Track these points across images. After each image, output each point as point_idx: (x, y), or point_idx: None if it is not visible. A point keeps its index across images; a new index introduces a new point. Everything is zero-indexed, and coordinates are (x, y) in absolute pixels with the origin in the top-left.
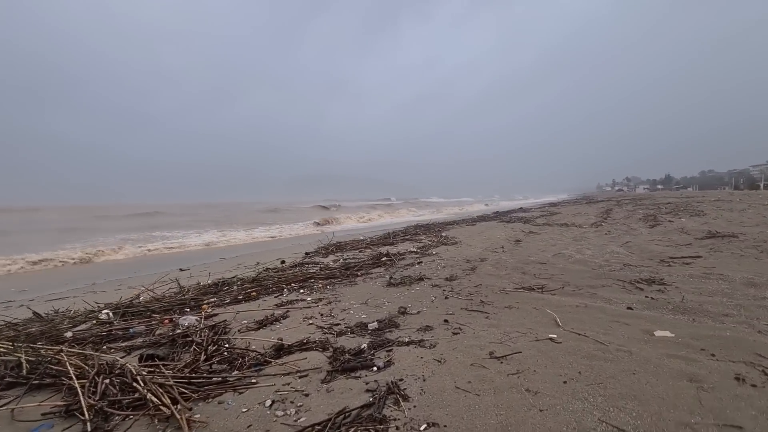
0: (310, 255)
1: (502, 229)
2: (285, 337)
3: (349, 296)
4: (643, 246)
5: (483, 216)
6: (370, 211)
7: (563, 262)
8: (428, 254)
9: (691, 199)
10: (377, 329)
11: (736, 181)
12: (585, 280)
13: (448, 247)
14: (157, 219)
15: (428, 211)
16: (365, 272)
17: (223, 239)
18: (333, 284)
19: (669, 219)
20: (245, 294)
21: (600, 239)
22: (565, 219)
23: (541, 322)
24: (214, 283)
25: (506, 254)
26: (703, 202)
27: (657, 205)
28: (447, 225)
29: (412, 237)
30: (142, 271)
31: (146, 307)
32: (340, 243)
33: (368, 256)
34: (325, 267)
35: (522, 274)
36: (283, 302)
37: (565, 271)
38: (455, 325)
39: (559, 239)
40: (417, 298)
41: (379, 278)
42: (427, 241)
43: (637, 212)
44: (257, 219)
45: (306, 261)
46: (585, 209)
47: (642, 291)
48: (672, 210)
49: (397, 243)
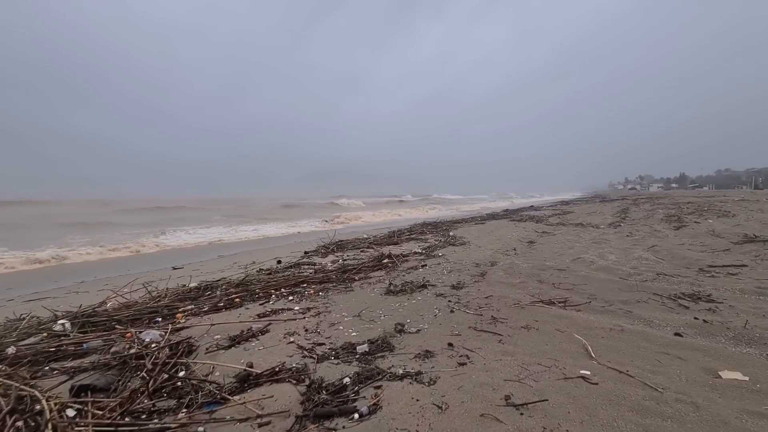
0: (310, 254)
1: (513, 228)
2: (257, 360)
3: (342, 306)
4: (673, 251)
5: (493, 214)
6: (380, 208)
7: (585, 269)
8: (434, 256)
9: (712, 199)
10: (367, 353)
11: (755, 180)
12: (614, 292)
13: (455, 248)
14: (168, 214)
15: (441, 208)
16: (364, 276)
17: (229, 235)
18: (327, 290)
19: (694, 220)
20: (228, 300)
21: (622, 242)
22: (580, 218)
23: (568, 351)
24: (196, 287)
25: (519, 258)
26: (726, 202)
27: (677, 205)
28: (455, 223)
29: (418, 236)
30: (139, 268)
31: (111, 315)
32: (342, 242)
33: (369, 257)
34: (321, 269)
35: (539, 283)
36: (267, 312)
37: (589, 280)
38: (461, 350)
39: (576, 241)
40: (418, 311)
41: (378, 284)
42: (433, 241)
43: (657, 212)
44: (266, 215)
45: (303, 261)
46: (599, 208)
47: (688, 309)
48: (695, 210)
49: (401, 242)
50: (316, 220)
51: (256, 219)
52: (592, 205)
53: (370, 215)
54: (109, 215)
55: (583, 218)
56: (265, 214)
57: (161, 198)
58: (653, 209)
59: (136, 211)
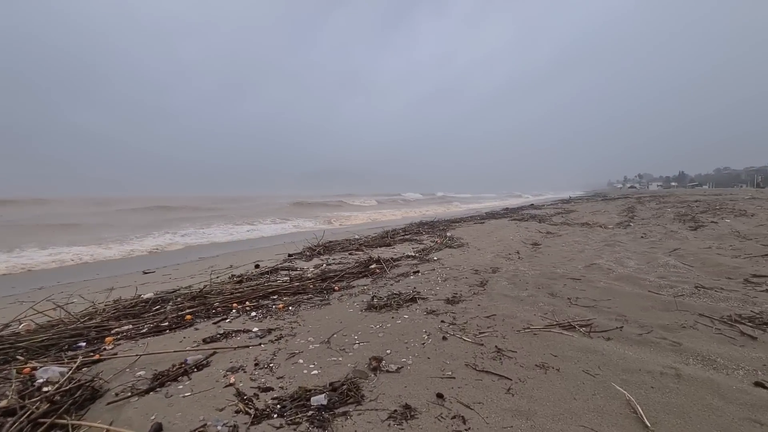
0: (293, 257)
1: (514, 228)
2: (173, 417)
3: (312, 327)
4: (701, 256)
5: (492, 213)
6: (388, 207)
7: (604, 278)
8: (428, 260)
9: (720, 197)
10: (324, 407)
11: (756, 179)
12: (648, 312)
13: (452, 251)
14: (171, 214)
15: (458, 204)
16: (346, 285)
17: (221, 235)
18: (299, 303)
19: (711, 220)
20: (176, 319)
21: (637, 244)
22: (585, 218)
23: (608, 411)
24: (144, 301)
25: (524, 263)
26: (736, 201)
27: (685, 203)
28: (453, 223)
29: (413, 236)
30: (115, 271)
31: (21, 340)
32: (331, 243)
33: (356, 261)
34: (299, 276)
35: (550, 297)
36: (218, 335)
37: (612, 293)
38: (455, 406)
39: (586, 243)
40: (402, 336)
41: (360, 295)
42: (428, 243)
43: (666, 211)
44: (274, 214)
45: (284, 266)
46: (603, 207)
47: (755, 341)
48: (707, 209)
49: (395, 244)
50: (312, 219)
51: (252, 217)
52: (595, 204)
53: (366, 215)
54: (108, 215)
55: (588, 217)
56: (272, 213)
57: (164, 197)
58: (661, 208)
59: (136, 211)
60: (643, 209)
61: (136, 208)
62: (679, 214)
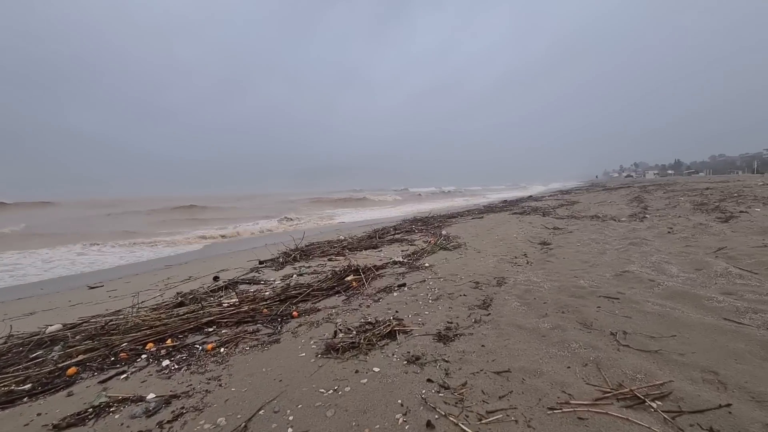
0: (265, 264)
1: (516, 223)
2: None
3: (238, 387)
4: (761, 257)
5: (490, 206)
6: (405, 203)
7: (650, 296)
8: (418, 267)
9: (730, 184)
10: None
11: (755, 164)
12: (747, 362)
13: (447, 255)
14: (200, 213)
15: (469, 198)
16: (309, 309)
17: (188, 239)
18: (238, 341)
19: (739, 209)
20: (55, 373)
21: (668, 242)
22: (591, 209)
23: None
24: (24, 342)
25: (535, 270)
26: (751, 187)
27: (697, 192)
28: (449, 219)
29: (405, 236)
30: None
31: None
32: (311, 246)
33: (334, 269)
34: (253, 296)
35: (584, 329)
36: (85, 412)
37: (673, 323)
38: None
39: (605, 242)
40: (364, 416)
41: (324, 324)
42: (421, 243)
43: (678, 200)
44: (249, 214)
45: (245, 278)
46: (607, 197)
47: None
48: (724, 197)
49: (383, 245)
50: (292, 218)
51: (235, 219)
52: (597, 194)
53: (361, 212)
54: (98, 220)
55: (594, 209)
56: (249, 213)
57: (172, 196)
58: (671, 197)
59: (157, 212)
60: (651, 198)
61: (156, 209)
62: (696, 203)
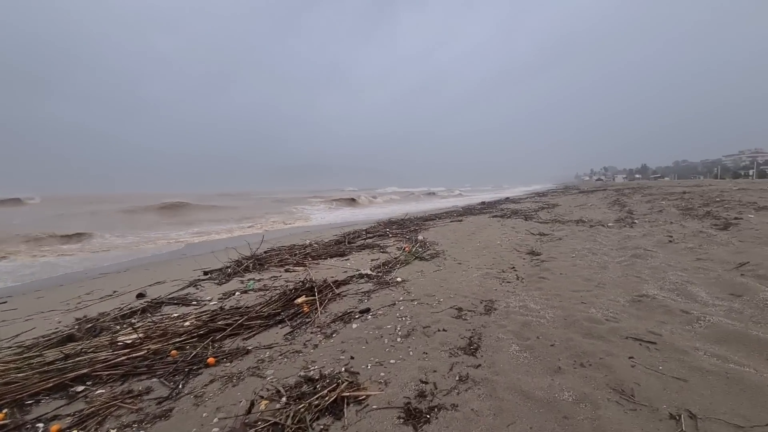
0: (210, 274)
1: (498, 228)
2: None
3: None
4: None
5: (469, 208)
6: (391, 204)
7: (694, 338)
8: (387, 283)
9: (707, 188)
10: None
11: (710, 169)
12: None
13: (423, 266)
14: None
15: (418, 202)
16: (237, 347)
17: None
18: (106, 414)
19: (733, 216)
20: None
21: (675, 254)
22: (575, 213)
23: None
24: None
25: (529, 290)
26: (729, 191)
27: (677, 196)
28: (426, 221)
29: (378, 240)
30: None
31: None
32: (269, 252)
33: (287, 283)
34: (165, 328)
35: (624, 402)
36: None
37: (751, 392)
38: None
39: (603, 252)
40: None
41: (244, 381)
42: (394, 250)
43: (660, 204)
44: (220, 215)
45: (173, 297)
46: (586, 200)
47: None
48: (706, 201)
49: (351, 252)
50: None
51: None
52: (576, 197)
53: (336, 212)
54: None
55: (577, 213)
56: (219, 215)
57: (151, 194)
58: (651, 201)
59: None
60: (632, 202)
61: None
62: (681, 208)
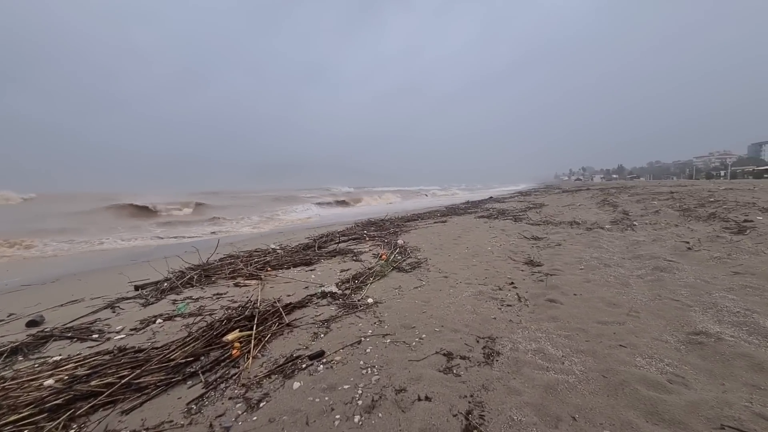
0: (142, 290)
1: (486, 230)
2: None
3: None
4: None
5: (453, 208)
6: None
7: None
8: (355, 307)
9: (692, 188)
10: None
11: (682, 170)
12: None
13: (402, 281)
14: None
15: (396, 199)
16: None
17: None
18: None
19: (743, 218)
20: None
21: (700, 265)
22: (565, 214)
23: None
24: None
25: (540, 322)
26: (717, 191)
27: (667, 195)
28: (408, 222)
29: (353, 245)
30: None
31: None
32: (225, 260)
33: (231, 304)
34: (22, 384)
35: None
36: None
37: None
38: None
39: (616, 262)
40: None
41: None
42: (369, 257)
43: (652, 204)
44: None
45: (71, 326)
46: (571, 199)
47: None
48: (701, 203)
49: (319, 260)
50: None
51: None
52: (561, 197)
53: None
54: None
55: (568, 214)
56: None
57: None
58: (640, 201)
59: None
60: (621, 202)
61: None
62: (678, 209)
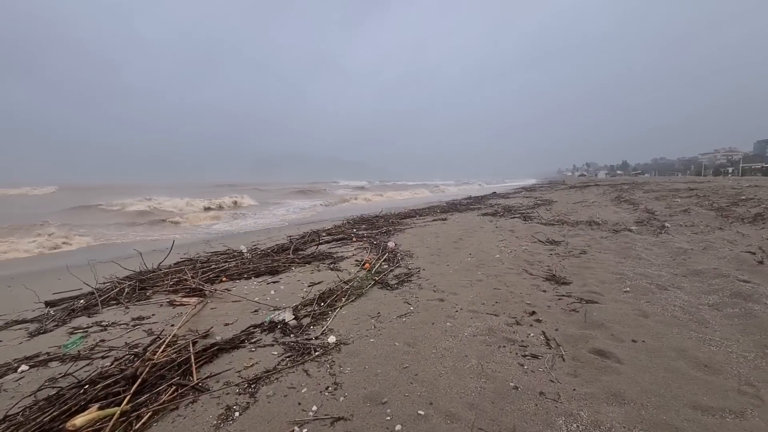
0: (50, 309)
1: (492, 231)
2: None
3: None
4: None
5: (455, 204)
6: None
7: None
8: (308, 351)
9: (711, 185)
10: None
11: (687, 167)
12: None
13: (383, 303)
14: None
15: (396, 194)
16: None
17: None
18: None
19: None
20: None
21: None
22: (580, 212)
23: None
24: None
25: (594, 402)
26: (738, 188)
27: (690, 193)
28: (403, 219)
29: (336, 246)
30: None
31: None
32: (180, 264)
33: (138, 341)
34: None
35: None
36: None
37: None
38: None
39: (670, 282)
40: None
41: None
42: (352, 263)
43: (674, 202)
44: None
45: None
46: (581, 196)
47: None
48: (734, 201)
49: (289, 267)
50: None
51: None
52: (569, 193)
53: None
54: None
55: (582, 212)
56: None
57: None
58: (660, 198)
59: None
60: (638, 199)
61: None
62: (710, 208)
